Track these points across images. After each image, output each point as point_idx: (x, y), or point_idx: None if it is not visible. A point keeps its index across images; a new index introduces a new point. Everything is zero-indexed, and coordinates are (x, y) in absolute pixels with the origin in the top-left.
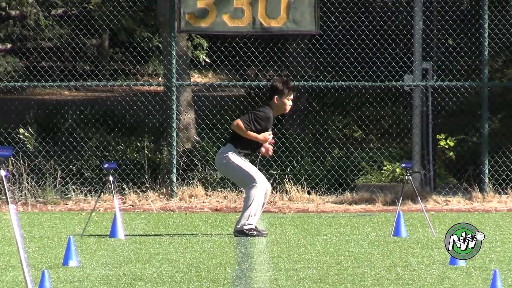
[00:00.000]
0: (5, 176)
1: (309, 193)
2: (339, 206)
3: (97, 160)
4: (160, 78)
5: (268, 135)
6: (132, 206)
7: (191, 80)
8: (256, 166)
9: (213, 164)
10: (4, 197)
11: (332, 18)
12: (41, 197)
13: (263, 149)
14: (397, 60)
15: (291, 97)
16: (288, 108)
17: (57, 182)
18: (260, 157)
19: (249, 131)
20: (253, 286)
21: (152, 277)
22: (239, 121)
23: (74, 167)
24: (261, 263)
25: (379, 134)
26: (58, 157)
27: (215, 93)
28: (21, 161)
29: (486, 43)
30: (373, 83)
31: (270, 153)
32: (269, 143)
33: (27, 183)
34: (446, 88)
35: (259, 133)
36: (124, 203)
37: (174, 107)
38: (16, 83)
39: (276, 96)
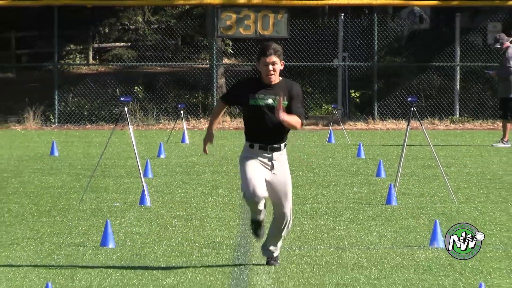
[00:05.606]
0: (127, 112)
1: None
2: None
3: (175, 102)
4: (207, 61)
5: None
6: (193, 127)
7: (223, 61)
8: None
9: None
10: (126, 122)
11: (295, 29)
12: (145, 122)
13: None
14: (330, 50)
15: (267, 60)
16: (265, 73)
17: (154, 114)
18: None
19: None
20: None
21: (204, 163)
22: None
23: (163, 107)
24: None
25: (321, 90)
26: (154, 101)
27: (235, 69)
28: (135, 103)
29: (375, 42)
30: (317, 63)
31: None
32: None
33: (138, 115)
34: (355, 66)
35: (241, 105)
36: (188, 125)
37: (214, 76)
38: (132, 63)
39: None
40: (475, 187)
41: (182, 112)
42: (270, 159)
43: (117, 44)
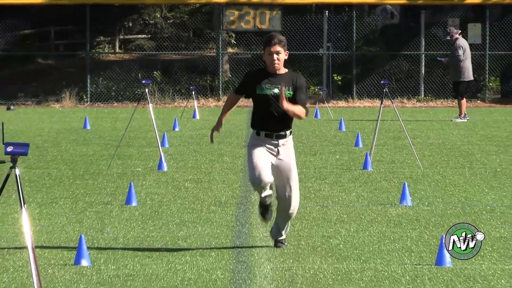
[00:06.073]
0: (148, 92)
1: None
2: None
3: (187, 85)
4: (214, 49)
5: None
6: (202, 105)
7: (227, 50)
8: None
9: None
10: (147, 101)
11: (287, 23)
12: (162, 101)
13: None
14: (316, 41)
15: (271, 49)
16: (270, 62)
17: (170, 94)
18: None
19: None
20: None
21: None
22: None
23: (177, 88)
24: None
25: (309, 74)
26: (170, 84)
27: (237, 56)
28: (154, 85)
29: (354, 34)
30: (306, 52)
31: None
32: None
33: (157, 95)
34: (338, 54)
35: (250, 95)
36: (199, 103)
37: (220, 62)
38: (151, 52)
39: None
40: (437, 155)
41: (193, 92)
42: (276, 146)
43: (139, 36)
